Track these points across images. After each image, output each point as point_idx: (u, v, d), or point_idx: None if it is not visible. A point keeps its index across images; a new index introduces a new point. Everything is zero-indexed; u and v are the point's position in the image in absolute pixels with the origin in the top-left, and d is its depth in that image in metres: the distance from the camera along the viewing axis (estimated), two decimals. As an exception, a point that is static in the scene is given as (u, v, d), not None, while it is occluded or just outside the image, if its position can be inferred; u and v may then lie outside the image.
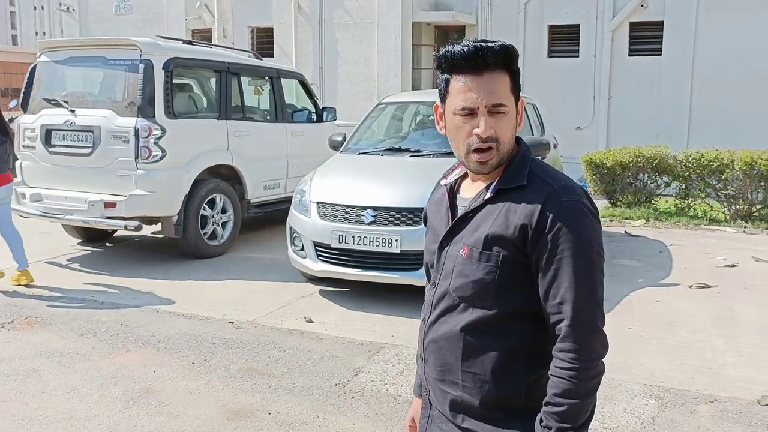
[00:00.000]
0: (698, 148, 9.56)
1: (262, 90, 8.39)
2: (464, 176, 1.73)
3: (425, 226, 1.86)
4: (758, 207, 9.08)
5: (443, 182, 1.75)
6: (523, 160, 1.63)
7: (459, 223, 1.64)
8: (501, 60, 1.55)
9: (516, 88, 1.60)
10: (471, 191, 1.68)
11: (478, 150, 1.57)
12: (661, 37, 12.09)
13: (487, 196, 1.60)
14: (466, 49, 1.54)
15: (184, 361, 4.57)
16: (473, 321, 1.59)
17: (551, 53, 12.94)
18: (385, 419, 3.79)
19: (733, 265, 7.01)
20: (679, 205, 9.63)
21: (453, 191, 1.73)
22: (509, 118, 1.58)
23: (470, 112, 1.56)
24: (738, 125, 11.33)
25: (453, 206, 1.69)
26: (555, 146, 8.62)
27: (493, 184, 1.61)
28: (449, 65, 1.58)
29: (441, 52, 1.59)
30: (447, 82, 1.60)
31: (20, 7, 15.84)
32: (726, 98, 11.66)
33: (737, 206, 9.14)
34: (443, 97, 1.63)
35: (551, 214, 1.51)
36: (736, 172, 8.86)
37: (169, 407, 3.91)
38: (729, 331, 5.13)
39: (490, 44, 1.55)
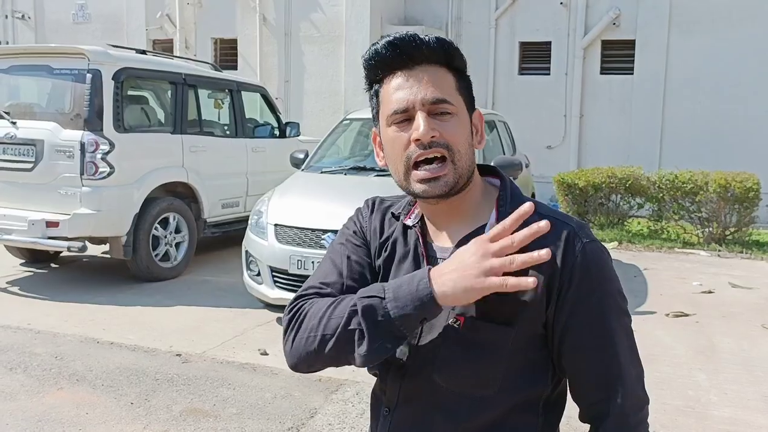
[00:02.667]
0: (670, 168, 9.39)
1: (222, 103, 7.99)
2: (422, 219, 1.32)
3: (349, 243, 1.39)
4: (732, 230, 8.89)
5: (408, 221, 1.32)
6: (516, 193, 1.27)
7: None
8: (438, 52, 1.20)
9: (465, 90, 1.24)
10: (446, 239, 1.26)
11: (421, 163, 1.18)
12: (633, 56, 11.94)
13: None
14: (389, 38, 1.20)
15: (121, 400, 4.13)
16: (470, 420, 1.21)
17: (522, 70, 12.72)
18: (342, 471, 3.40)
19: (710, 291, 6.77)
20: (653, 227, 9.41)
21: (424, 235, 1.31)
22: (459, 121, 1.20)
23: (405, 116, 1.19)
24: (710, 146, 11.20)
25: (429, 257, 1.27)
26: (527, 165, 8.35)
27: (489, 229, 1.21)
28: (376, 68, 1.23)
29: (365, 56, 1.24)
30: (377, 93, 1.26)
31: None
32: (698, 118, 11.53)
33: (711, 229, 8.94)
34: (376, 114, 1.28)
35: (578, 263, 1.16)
36: (710, 194, 8.66)
37: (99, 458, 3.48)
38: (710, 365, 4.84)
39: (410, 37, 1.21)
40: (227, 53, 13.28)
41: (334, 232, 5.16)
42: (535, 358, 1.20)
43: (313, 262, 5.10)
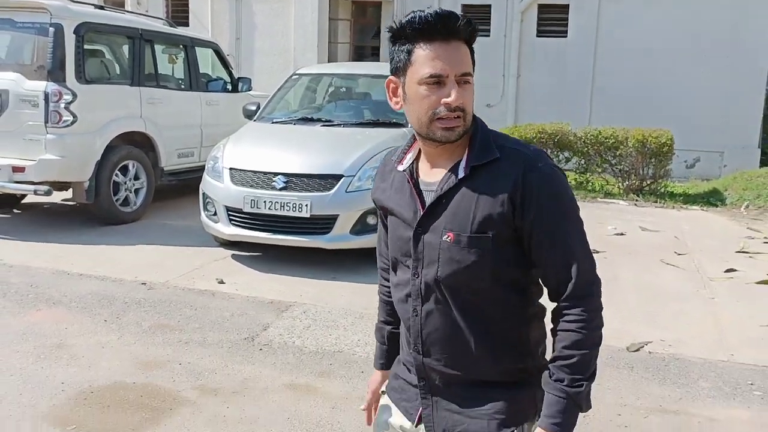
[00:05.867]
0: (599, 126, 10.16)
1: (176, 58, 8.40)
2: (417, 159, 1.67)
3: (380, 214, 1.79)
4: (648, 182, 9.76)
5: (400, 167, 1.66)
6: (485, 132, 1.58)
7: (432, 208, 1.57)
8: (467, 31, 1.50)
9: (473, 65, 1.55)
10: (434, 175, 1.60)
11: (443, 119, 1.51)
12: (567, 20, 12.66)
13: (461, 174, 1.54)
14: (436, 13, 1.48)
15: (96, 318, 4.69)
16: (474, 303, 1.57)
17: (464, 32, 13.29)
18: (291, 367, 4.05)
19: (622, 234, 7.58)
20: (579, 180, 10.21)
21: (413, 176, 1.64)
22: (472, 88, 1.54)
23: (438, 81, 1.49)
24: (635, 105, 12.02)
25: (419, 192, 1.61)
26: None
27: (463, 162, 1.55)
28: (415, 32, 1.50)
29: (406, 18, 1.51)
30: (409, 51, 1.51)
31: None
32: (625, 80, 12.34)
33: (630, 181, 9.79)
34: (403, 68, 1.53)
35: (534, 181, 1.49)
36: (629, 149, 9.48)
37: (81, 360, 4.05)
38: (610, 290, 5.57)
39: (453, 14, 1.50)
40: (179, 10, 13.51)
41: (284, 174, 5.75)
42: (514, 253, 1.53)
43: (265, 202, 5.68)
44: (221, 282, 5.52)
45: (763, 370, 4.20)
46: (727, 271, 6.21)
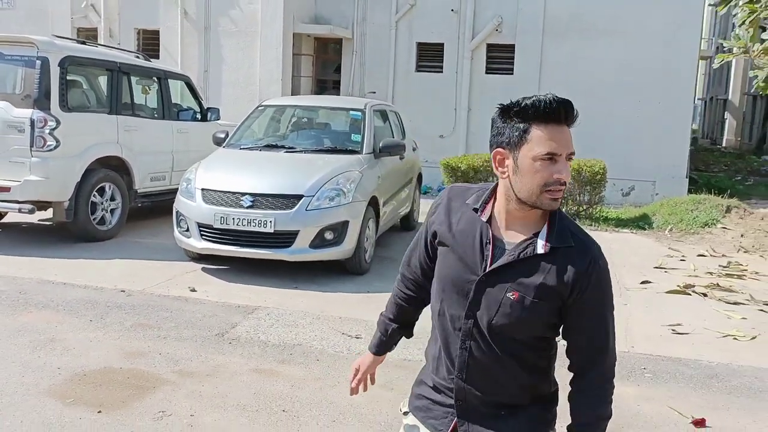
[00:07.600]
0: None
1: (149, 89, 9.07)
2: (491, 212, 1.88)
3: (426, 236, 2.01)
4: (585, 207, 10.66)
5: (483, 217, 1.86)
6: (562, 217, 1.82)
7: (503, 266, 1.79)
8: (573, 118, 1.75)
9: None
10: (509, 236, 1.83)
11: (552, 191, 1.74)
12: (513, 59, 13.67)
13: (540, 251, 1.77)
14: (556, 102, 1.71)
15: (82, 319, 5.30)
16: (513, 345, 1.83)
17: (419, 68, 14.26)
18: (256, 356, 4.72)
19: (556, 252, 8.38)
20: (522, 205, 11.02)
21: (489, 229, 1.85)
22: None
23: (551, 158, 1.71)
24: (577, 137, 12.56)
25: (496, 246, 1.82)
26: (414, 149, 9.81)
27: (543, 239, 1.78)
28: (534, 114, 1.71)
29: (529, 102, 1.72)
30: (526, 130, 1.73)
31: None
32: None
33: (567, 207, 10.67)
34: (516, 143, 1.74)
35: (593, 277, 1.77)
36: (566, 176, 10.35)
37: (73, 350, 4.66)
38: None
39: (569, 102, 1.74)
40: (150, 43, 14.18)
41: (251, 194, 6.45)
42: (553, 321, 1.81)
43: (233, 218, 6.37)
44: (193, 290, 6.15)
45: (655, 359, 5.01)
46: (643, 282, 7.05)
